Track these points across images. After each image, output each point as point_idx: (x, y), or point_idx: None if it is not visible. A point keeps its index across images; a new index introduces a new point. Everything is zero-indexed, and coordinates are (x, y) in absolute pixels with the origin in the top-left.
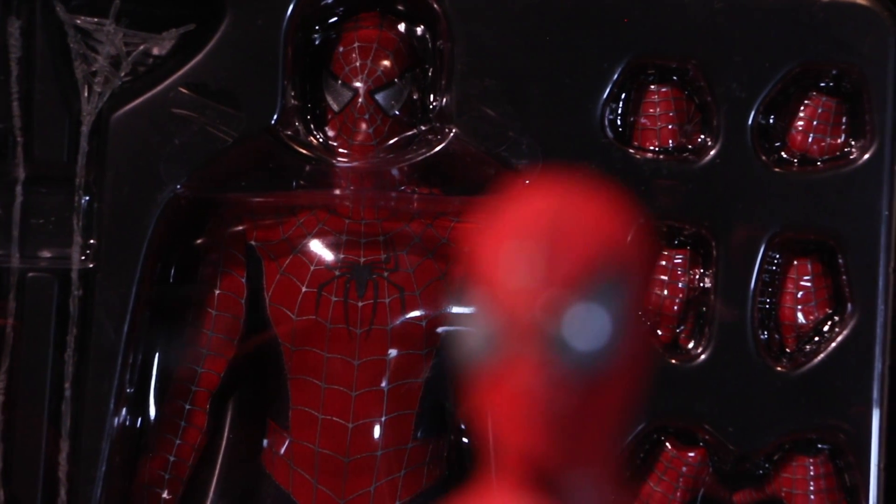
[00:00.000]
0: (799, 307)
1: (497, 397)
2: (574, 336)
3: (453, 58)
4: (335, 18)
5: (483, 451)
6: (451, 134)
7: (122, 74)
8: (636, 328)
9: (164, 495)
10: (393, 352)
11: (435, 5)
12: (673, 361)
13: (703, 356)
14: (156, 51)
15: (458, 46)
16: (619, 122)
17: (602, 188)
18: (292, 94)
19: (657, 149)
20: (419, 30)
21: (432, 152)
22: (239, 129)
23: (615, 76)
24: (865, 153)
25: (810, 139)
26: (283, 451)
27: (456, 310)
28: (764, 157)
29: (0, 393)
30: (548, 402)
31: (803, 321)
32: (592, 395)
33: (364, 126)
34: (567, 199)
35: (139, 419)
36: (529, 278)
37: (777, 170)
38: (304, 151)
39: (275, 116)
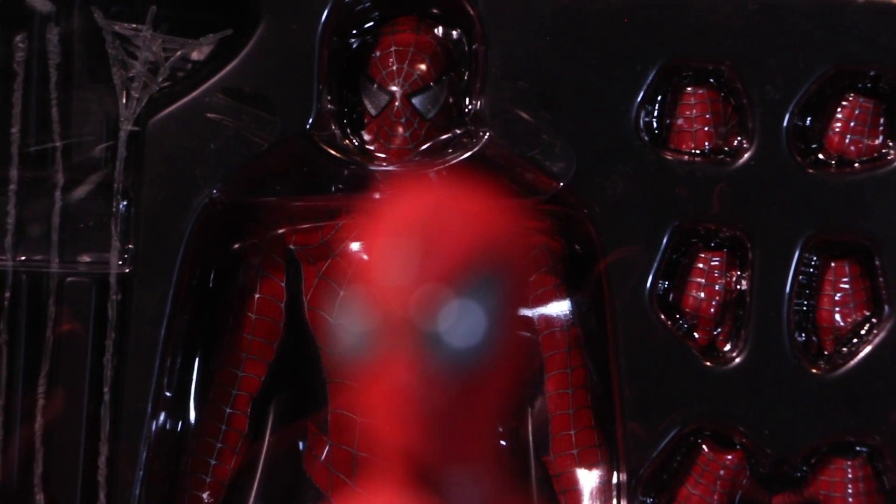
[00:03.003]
0: (837, 309)
1: (373, 395)
2: (449, 332)
3: (488, 61)
4: (371, 23)
5: (364, 449)
6: (486, 137)
7: (160, 80)
8: (511, 325)
9: (206, 498)
10: None
11: (469, 9)
12: (708, 364)
13: (739, 358)
14: (194, 55)
15: (492, 50)
16: (654, 125)
17: (479, 188)
18: (328, 98)
19: (693, 151)
20: (455, 33)
21: (467, 155)
22: (274, 134)
23: (649, 79)
24: None
25: (847, 140)
26: (322, 454)
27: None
28: (799, 159)
29: (39, 397)
30: (423, 399)
31: (841, 323)
32: (468, 392)
33: (401, 130)
34: (443, 198)
35: (179, 423)
36: (404, 276)
37: (812, 171)
38: (341, 155)
39: (310, 120)
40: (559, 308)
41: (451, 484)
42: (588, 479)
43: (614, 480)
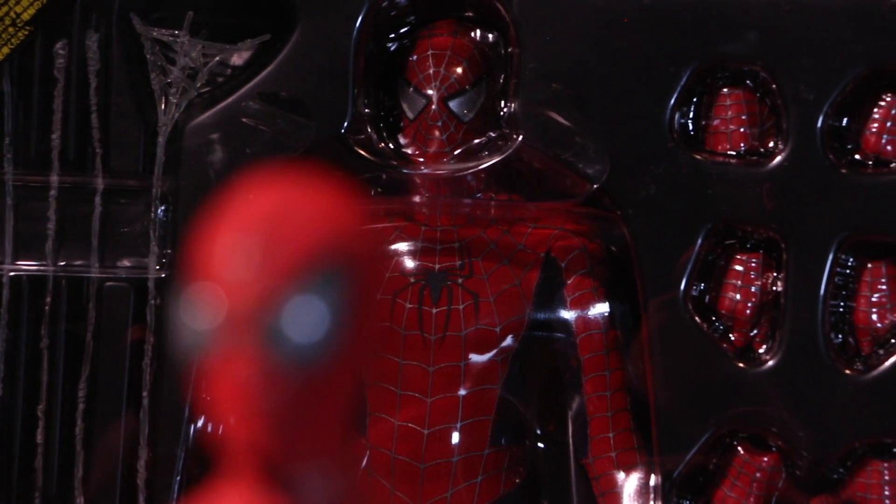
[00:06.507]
0: (873, 310)
1: (218, 391)
2: (291, 328)
3: (522, 64)
4: (407, 27)
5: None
6: (519, 140)
7: (199, 85)
8: (354, 320)
9: None
10: (468, 358)
11: (504, 13)
12: (741, 365)
13: (772, 360)
14: (233, 60)
15: (526, 52)
16: (690, 126)
17: (327, 182)
18: (364, 101)
19: (729, 152)
20: (491, 37)
21: (501, 158)
22: (310, 138)
23: (683, 80)
24: None
25: (884, 140)
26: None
27: (533, 316)
28: (834, 159)
29: (80, 401)
30: (267, 395)
31: (878, 325)
32: (311, 387)
33: (437, 133)
34: (288, 192)
35: (220, 426)
36: (247, 270)
37: (846, 171)
38: (377, 159)
39: (345, 124)
40: (597, 310)
41: (299, 480)
42: (627, 482)
43: (651, 483)
